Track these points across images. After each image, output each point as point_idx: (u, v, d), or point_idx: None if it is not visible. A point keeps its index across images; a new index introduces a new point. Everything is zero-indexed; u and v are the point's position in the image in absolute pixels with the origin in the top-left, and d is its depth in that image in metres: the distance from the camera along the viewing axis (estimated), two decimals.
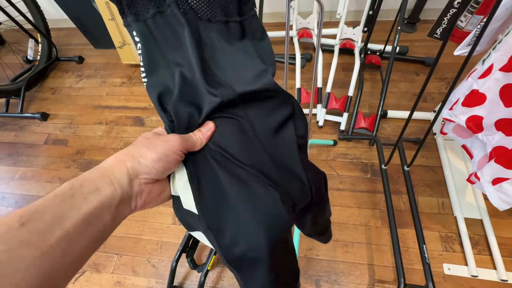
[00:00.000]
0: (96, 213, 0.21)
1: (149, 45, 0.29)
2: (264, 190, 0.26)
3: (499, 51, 0.65)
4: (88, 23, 1.62)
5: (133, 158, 0.24)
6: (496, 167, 0.68)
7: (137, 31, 0.29)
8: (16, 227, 0.17)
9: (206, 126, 0.27)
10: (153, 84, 0.30)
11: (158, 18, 0.29)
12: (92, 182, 0.22)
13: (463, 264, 0.90)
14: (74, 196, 0.20)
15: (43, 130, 1.46)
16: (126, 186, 0.23)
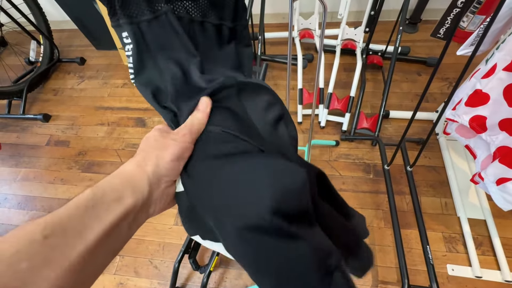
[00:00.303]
0: (118, 224, 0.20)
1: (140, 47, 0.30)
2: (264, 156, 0.25)
3: (502, 50, 0.64)
4: (90, 25, 1.62)
5: (152, 162, 0.23)
6: (500, 167, 0.67)
7: (130, 33, 0.29)
8: (39, 240, 0.16)
9: (203, 103, 0.26)
10: (142, 82, 0.30)
11: (153, 23, 0.29)
12: (113, 190, 0.21)
13: (467, 265, 0.90)
14: (97, 207, 0.20)
15: (45, 131, 1.46)
16: (147, 193, 0.22)
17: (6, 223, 1.19)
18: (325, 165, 1.15)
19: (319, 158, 1.17)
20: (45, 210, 1.20)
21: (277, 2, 1.59)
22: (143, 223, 0.23)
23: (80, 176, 1.27)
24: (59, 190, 1.25)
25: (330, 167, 1.14)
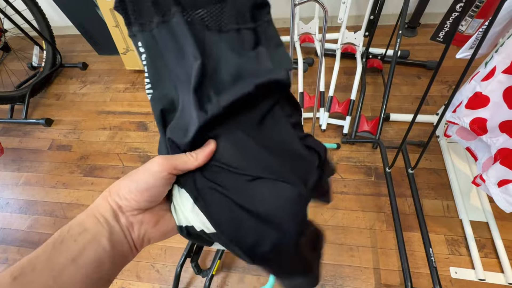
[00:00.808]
0: (87, 254, 0.20)
1: (154, 56, 0.28)
2: (271, 184, 0.26)
3: (501, 53, 0.65)
4: (92, 30, 1.64)
5: (112, 192, 0.24)
6: (501, 169, 0.68)
7: (142, 41, 0.28)
8: (8, 282, 0.17)
9: (207, 145, 0.25)
10: (158, 97, 0.28)
11: (163, 28, 0.27)
12: (80, 224, 0.22)
13: (470, 267, 0.89)
14: (64, 241, 0.20)
15: (47, 135, 1.47)
16: (112, 221, 0.23)
17: (8, 227, 1.19)
18: None
19: None
20: (46, 214, 1.20)
21: (278, 7, 1.61)
22: (128, 254, 0.24)
23: (82, 180, 1.28)
24: (61, 195, 1.25)
25: None
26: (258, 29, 0.31)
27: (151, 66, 0.28)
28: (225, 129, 0.27)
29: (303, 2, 0.50)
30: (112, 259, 0.22)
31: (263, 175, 0.26)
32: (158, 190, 0.24)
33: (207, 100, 0.26)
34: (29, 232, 1.17)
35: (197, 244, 0.97)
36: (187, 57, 0.27)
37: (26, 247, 1.13)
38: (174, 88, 0.28)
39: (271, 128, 0.28)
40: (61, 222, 1.17)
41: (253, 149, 0.27)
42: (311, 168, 0.29)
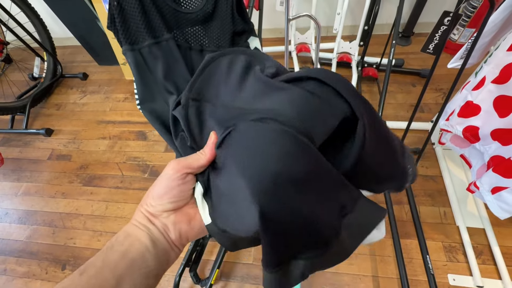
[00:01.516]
0: (133, 250, 0.25)
1: (142, 72, 0.31)
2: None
3: (490, 64, 0.67)
4: (92, 41, 1.67)
5: (143, 203, 0.28)
6: (494, 177, 0.69)
7: (131, 59, 0.30)
8: (77, 277, 0.23)
9: (209, 138, 0.27)
10: (148, 109, 0.31)
11: (153, 49, 0.30)
12: (123, 232, 0.26)
13: (468, 274, 0.89)
14: (114, 246, 0.25)
15: (47, 145, 1.48)
16: (148, 224, 0.26)
17: (6, 238, 1.19)
18: None
19: None
20: (45, 224, 1.20)
21: (274, 18, 1.64)
22: (171, 253, 0.27)
23: (82, 189, 1.28)
24: (60, 204, 1.25)
25: None
26: None
27: (140, 81, 0.31)
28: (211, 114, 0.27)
29: (297, 17, 0.52)
30: (155, 256, 0.25)
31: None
32: (178, 191, 0.27)
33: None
34: (28, 242, 1.17)
35: (196, 253, 0.97)
36: (174, 72, 0.30)
37: (25, 258, 1.12)
38: (164, 102, 0.31)
39: (251, 87, 0.27)
40: (61, 232, 1.17)
41: (239, 113, 0.25)
42: (324, 105, 0.21)
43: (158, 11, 0.31)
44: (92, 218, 1.19)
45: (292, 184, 0.19)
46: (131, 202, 1.21)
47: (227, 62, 0.28)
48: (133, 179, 1.28)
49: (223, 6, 0.33)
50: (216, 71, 0.28)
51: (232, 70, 0.28)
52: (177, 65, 0.31)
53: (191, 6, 0.33)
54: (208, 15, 0.33)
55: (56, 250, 1.13)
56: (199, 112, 0.28)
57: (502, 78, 0.63)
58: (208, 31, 0.33)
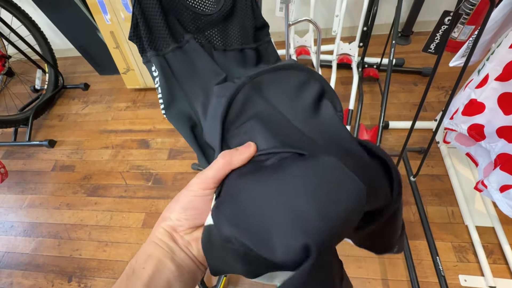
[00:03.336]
0: (157, 276, 0.22)
1: (168, 78, 0.30)
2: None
3: (493, 61, 0.67)
4: (93, 52, 1.68)
5: (165, 218, 0.25)
6: (502, 175, 0.68)
7: (156, 64, 0.30)
8: None
9: (243, 147, 0.24)
10: (173, 115, 0.30)
11: (177, 52, 0.30)
12: (143, 253, 0.24)
13: (479, 274, 0.88)
14: (135, 271, 0.23)
15: (51, 157, 1.48)
16: (170, 242, 0.24)
17: (12, 251, 1.19)
18: None
19: None
20: (51, 236, 1.20)
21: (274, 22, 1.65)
22: (195, 271, 0.25)
23: (86, 200, 1.28)
24: (65, 216, 1.25)
25: None
26: (260, 48, 0.34)
27: (165, 87, 0.30)
28: (260, 109, 0.24)
29: (297, 22, 0.52)
30: (180, 278, 0.23)
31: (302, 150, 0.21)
32: (203, 206, 0.24)
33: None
34: (34, 255, 1.16)
35: None
36: (204, 75, 0.29)
37: (31, 271, 1.12)
38: (189, 106, 0.30)
39: (320, 116, 0.25)
40: (66, 244, 1.17)
41: (295, 133, 0.23)
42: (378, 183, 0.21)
43: (178, 16, 0.31)
44: (97, 228, 1.19)
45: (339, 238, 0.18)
46: (135, 211, 1.21)
47: (301, 80, 0.26)
48: (137, 187, 1.28)
49: (242, 1, 0.32)
50: (285, 80, 0.26)
51: (303, 91, 0.26)
52: (203, 63, 0.30)
53: (209, 9, 0.32)
54: (227, 13, 0.32)
55: (62, 262, 1.12)
56: (248, 100, 0.25)
57: (505, 75, 0.63)
58: (230, 30, 0.33)
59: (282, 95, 0.25)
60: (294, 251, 0.15)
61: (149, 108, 1.58)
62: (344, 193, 0.17)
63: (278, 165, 0.20)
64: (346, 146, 0.22)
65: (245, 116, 0.24)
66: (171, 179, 1.28)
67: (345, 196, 0.17)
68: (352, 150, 0.22)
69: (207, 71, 0.30)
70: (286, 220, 0.16)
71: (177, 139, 1.40)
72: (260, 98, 0.25)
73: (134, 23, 0.29)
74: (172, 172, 1.30)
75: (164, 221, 0.25)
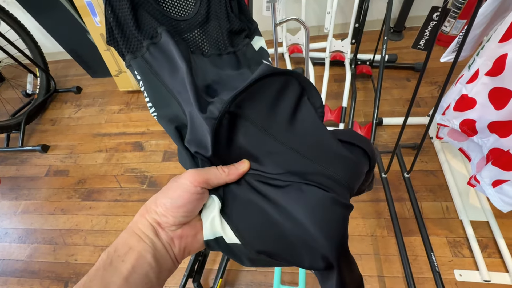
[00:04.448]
0: (136, 271, 0.22)
1: (150, 79, 0.29)
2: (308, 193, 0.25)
3: (483, 56, 0.66)
4: (84, 54, 1.66)
5: (151, 210, 0.24)
6: (494, 170, 0.68)
7: (136, 67, 0.29)
8: None
9: (241, 164, 0.26)
10: (163, 115, 0.29)
11: (152, 50, 0.29)
12: (124, 244, 0.23)
13: (474, 269, 0.88)
14: (113, 262, 0.22)
15: (44, 162, 1.47)
16: (153, 237, 0.24)
17: (7, 258, 1.18)
18: None
19: None
20: (46, 242, 1.19)
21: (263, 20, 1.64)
22: (171, 267, 0.25)
23: (81, 204, 1.27)
24: (60, 221, 1.24)
25: None
26: (238, 53, 0.33)
27: (149, 89, 0.29)
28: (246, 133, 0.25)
29: (284, 21, 0.52)
30: (157, 274, 0.23)
31: (293, 179, 0.25)
32: (193, 205, 0.25)
33: (207, 103, 0.25)
34: (29, 261, 1.16)
35: (198, 263, 0.96)
36: (178, 69, 0.28)
37: (27, 278, 1.11)
38: (177, 104, 0.28)
39: (298, 124, 0.26)
40: (61, 249, 1.16)
41: (282, 151, 0.26)
42: (357, 169, 0.27)
43: (153, 16, 0.30)
44: (93, 233, 1.18)
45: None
46: (131, 214, 1.20)
47: (280, 84, 0.26)
48: (131, 191, 1.27)
49: (217, 5, 0.32)
50: (266, 90, 0.25)
51: (283, 96, 0.26)
52: (177, 61, 0.28)
53: (184, 13, 0.31)
54: (203, 17, 0.32)
55: (57, 268, 1.11)
56: (233, 126, 0.25)
57: (495, 70, 0.63)
58: (207, 34, 0.32)
59: (264, 108, 0.26)
60: (317, 262, 0.24)
61: (143, 110, 1.57)
62: (335, 218, 0.25)
63: (287, 196, 0.25)
64: (330, 150, 0.26)
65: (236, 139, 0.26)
66: (166, 181, 1.27)
67: (336, 220, 0.25)
68: (336, 151, 0.26)
69: (181, 68, 0.28)
70: (307, 243, 0.24)
71: (171, 141, 1.39)
72: (244, 119, 0.25)
73: (108, 28, 0.28)
74: (167, 174, 1.29)
75: (149, 213, 0.24)
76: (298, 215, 0.24)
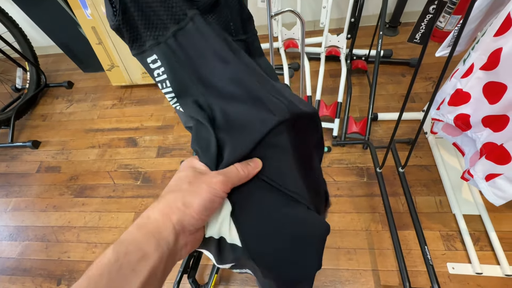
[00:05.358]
0: (148, 283, 0.20)
1: (173, 66, 0.26)
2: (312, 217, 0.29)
3: (477, 50, 0.66)
4: (75, 49, 1.63)
5: (178, 210, 0.22)
6: (487, 164, 0.68)
7: (159, 54, 0.26)
8: None
9: (254, 163, 0.25)
10: (186, 102, 0.28)
11: (179, 36, 0.26)
12: (137, 248, 0.20)
13: (466, 262, 0.90)
14: (122, 270, 0.19)
15: (35, 158, 1.44)
16: (172, 243, 0.22)
17: None
18: None
19: None
20: (38, 239, 1.17)
21: (259, 14, 1.62)
22: (171, 268, 0.23)
23: (73, 201, 1.25)
24: (52, 218, 1.22)
25: (324, 174, 1.14)
26: (248, 40, 0.32)
27: (173, 78, 0.27)
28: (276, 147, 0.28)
29: (279, 13, 0.51)
30: (162, 275, 0.22)
31: (299, 198, 0.28)
32: (216, 209, 0.25)
33: (271, 100, 0.26)
34: (20, 259, 1.14)
35: (193, 259, 0.95)
36: (212, 58, 0.26)
37: (18, 275, 1.09)
38: (201, 95, 0.27)
39: (315, 158, 0.33)
40: (54, 247, 1.14)
41: (294, 170, 0.29)
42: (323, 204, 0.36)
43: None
44: (86, 230, 1.16)
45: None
46: (124, 211, 1.19)
47: (311, 125, 0.34)
48: (125, 187, 1.25)
49: None
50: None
51: (311, 135, 0.34)
52: (210, 45, 0.26)
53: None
54: (214, 1, 0.28)
55: (50, 265, 1.10)
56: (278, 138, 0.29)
57: (490, 64, 0.63)
58: (220, 19, 0.29)
59: (302, 135, 0.31)
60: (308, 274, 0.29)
61: (136, 106, 1.54)
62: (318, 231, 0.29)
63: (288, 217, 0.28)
64: (319, 183, 0.35)
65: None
66: (160, 177, 1.26)
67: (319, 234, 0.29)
68: (321, 186, 0.36)
69: (215, 56, 0.26)
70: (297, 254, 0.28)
71: (165, 136, 1.38)
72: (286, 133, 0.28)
73: (122, 8, 0.24)
74: (161, 170, 1.28)
75: (174, 213, 0.22)
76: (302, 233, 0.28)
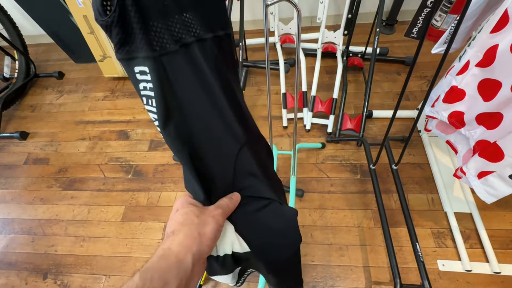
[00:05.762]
0: None
1: (163, 85, 0.24)
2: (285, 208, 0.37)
3: (473, 47, 0.66)
4: (67, 38, 1.58)
5: (195, 240, 0.26)
6: (480, 161, 0.68)
7: (151, 67, 0.23)
8: None
9: (235, 196, 0.32)
10: (173, 134, 0.27)
11: (178, 54, 0.24)
12: (161, 276, 0.23)
13: (456, 259, 0.90)
14: None
15: (23, 149, 1.40)
16: (190, 271, 0.25)
17: None
18: (313, 168, 1.15)
19: (306, 162, 1.17)
20: (24, 232, 1.14)
21: (256, 8, 1.61)
22: None
23: (61, 194, 1.22)
24: (39, 211, 1.19)
25: (317, 170, 1.14)
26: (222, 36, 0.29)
27: (161, 96, 0.25)
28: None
29: (275, 2, 0.49)
30: None
31: (273, 197, 0.35)
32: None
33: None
34: (5, 252, 1.10)
35: None
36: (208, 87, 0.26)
37: (3, 269, 1.06)
38: (190, 125, 0.28)
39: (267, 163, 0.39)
40: (40, 240, 1.11)
41: (264, 181, 0.35)
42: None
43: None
44: (74, 223, 1.14)
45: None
46: (114, 204, 1.17)
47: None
48: (116, 180, 1.23)
49: None
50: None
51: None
52: (204, 79, 0.27)
53: None
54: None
55: (36, 259, 1.07)
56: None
57: (486, 61, 0.62)
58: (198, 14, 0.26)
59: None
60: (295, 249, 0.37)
61: (128, 98, 1.51)
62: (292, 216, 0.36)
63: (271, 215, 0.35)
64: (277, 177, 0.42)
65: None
66: (152, 171, 1.23)
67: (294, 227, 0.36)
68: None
69: (205, 89, 0.27)
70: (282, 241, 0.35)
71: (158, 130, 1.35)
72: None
73: (120, 2, 0.20)
74: (153, 164, 1.26)
75: (196, 244, 0.26)
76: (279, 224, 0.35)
